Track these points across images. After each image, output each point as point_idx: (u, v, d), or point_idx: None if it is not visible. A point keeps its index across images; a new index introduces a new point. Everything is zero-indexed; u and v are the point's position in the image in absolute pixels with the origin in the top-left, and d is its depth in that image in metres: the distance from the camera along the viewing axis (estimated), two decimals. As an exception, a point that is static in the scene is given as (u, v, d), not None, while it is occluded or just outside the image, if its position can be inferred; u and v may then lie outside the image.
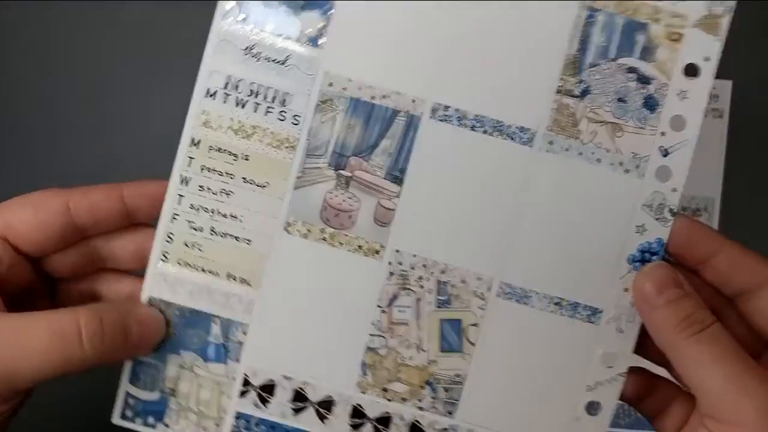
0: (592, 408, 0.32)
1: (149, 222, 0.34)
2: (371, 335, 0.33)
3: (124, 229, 0.34)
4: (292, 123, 0.32)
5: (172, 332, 0.33)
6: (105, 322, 0.29)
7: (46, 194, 0.32)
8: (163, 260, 0.33)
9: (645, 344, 0.32)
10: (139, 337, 0.31)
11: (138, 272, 0.34)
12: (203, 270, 0.33)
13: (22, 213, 0.31)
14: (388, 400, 0.33)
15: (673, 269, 0.31)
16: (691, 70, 0.31)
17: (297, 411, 0.34)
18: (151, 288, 0.33)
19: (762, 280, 0.30)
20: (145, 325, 0.32)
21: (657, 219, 0.31)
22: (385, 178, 0.33)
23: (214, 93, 0.33)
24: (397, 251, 0.32)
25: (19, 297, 0.32)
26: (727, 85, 0.51)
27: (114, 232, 0.33)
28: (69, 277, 0.34)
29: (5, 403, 0.29)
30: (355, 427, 0.34)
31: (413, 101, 0.31)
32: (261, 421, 0.34)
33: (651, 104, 0.31)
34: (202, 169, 0.33)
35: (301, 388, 0.34)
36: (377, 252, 0.32)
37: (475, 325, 0.32)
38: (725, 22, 0.30)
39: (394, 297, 0.33)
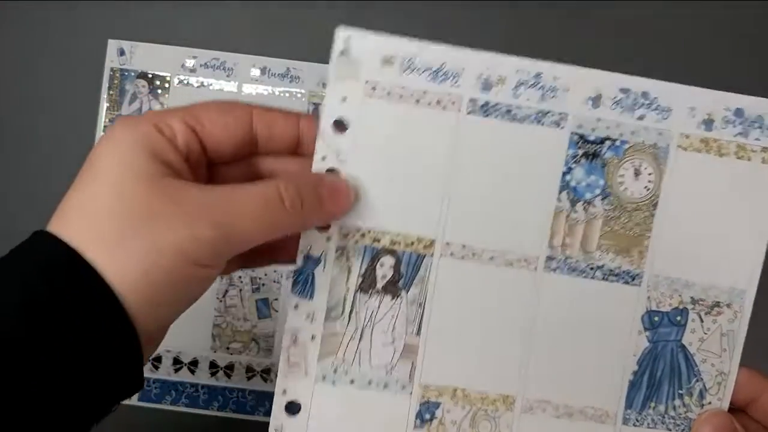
0: None
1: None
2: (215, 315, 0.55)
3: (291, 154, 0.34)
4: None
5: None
6: (301, 189, 0.30)
7: (233, 103, 0.33)
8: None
9: None
10: (332, 202, 0.32)
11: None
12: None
13: (213, 113, 0.32)
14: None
15: (731, 418, 0.34)
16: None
17: (176, 371, 0.56)
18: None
19: None
20: (335, 190, 0.32)
21: None
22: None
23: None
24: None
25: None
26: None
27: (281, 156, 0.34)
28: (227, 161, 0.33)
29: (218, 267, 0.30)
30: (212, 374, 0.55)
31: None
32: (155, 381, 0.56)
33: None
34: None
35: (176, 356, 0.55)
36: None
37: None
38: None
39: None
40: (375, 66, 0.33)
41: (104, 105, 0.55)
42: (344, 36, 0.33)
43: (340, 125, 0.33)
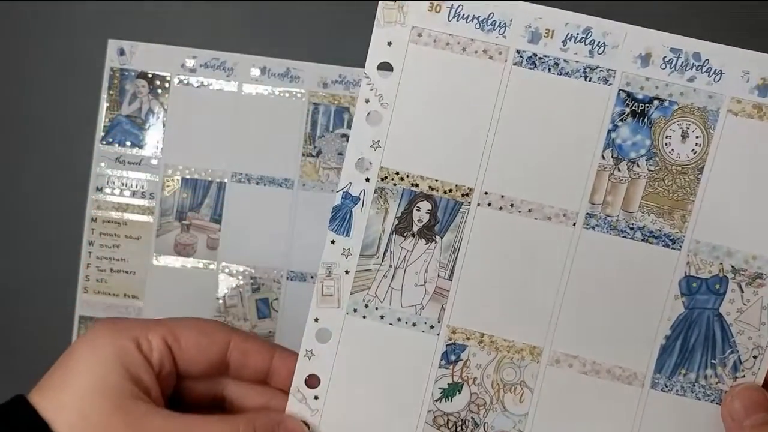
0: None
1: (281, 388, 0.36)
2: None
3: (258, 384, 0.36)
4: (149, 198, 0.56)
5: None
6: (258, 430, 0.32)
7: (216, 325, 0.35)
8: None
9: None
10: None
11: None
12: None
13: (190, 331, 0.34)
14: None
15: (765, 394, 0.33)
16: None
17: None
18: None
19: None
20: None
21: None
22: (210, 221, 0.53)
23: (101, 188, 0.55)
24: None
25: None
26: None
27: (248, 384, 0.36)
28: (198, 378, 0.35)
29: None
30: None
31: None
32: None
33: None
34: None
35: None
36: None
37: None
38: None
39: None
40: (422, 12, 0.34)
41: (104, 105, 0.55)
42: (394, -19, 0.34)
43: (385, 68, 0.34)
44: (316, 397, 0.36)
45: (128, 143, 0.55)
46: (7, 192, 0.56)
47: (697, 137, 0.34)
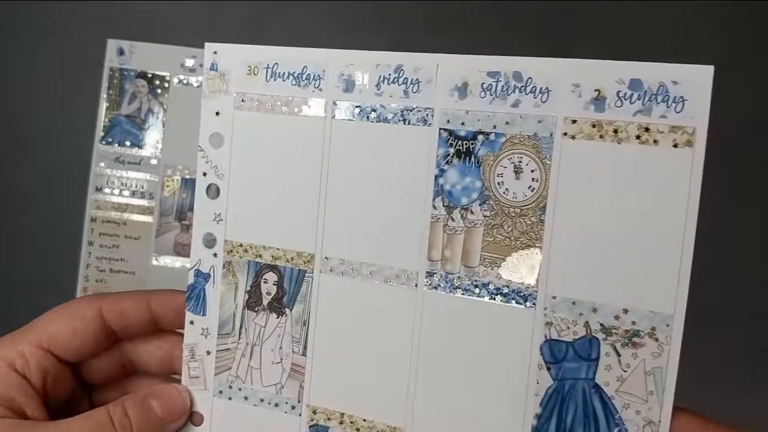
0: None
1: (174, 329, 0.36)
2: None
3: (152, 335, 0.36)
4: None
5: None
6: (129, 410, 0.32)
7: (81, 303, 0.34)
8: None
9: None
10: (162, 411, 0.33)
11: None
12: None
13: (60, 323, 0.33)
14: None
15: None
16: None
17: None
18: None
19: None
20: (165, 398, 0.33)
21: None
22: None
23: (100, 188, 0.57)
24: None
25: (62, 406, 0.34)
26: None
27: (143, 340, 0.36)
28: (104, 383, 0.36)
29: None
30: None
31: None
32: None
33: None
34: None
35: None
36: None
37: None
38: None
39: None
40: (242, 76, 0.33)
41: (104, 105, 0.56)
42: (211, 50, 0.34)
43: (216, 140, 0.34)
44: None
45: (128, 143, 0.56)
46: (6, 192, 0.58)
47: (532, 171, 0.28)
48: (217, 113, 0.34)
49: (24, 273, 0.59)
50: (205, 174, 0.34)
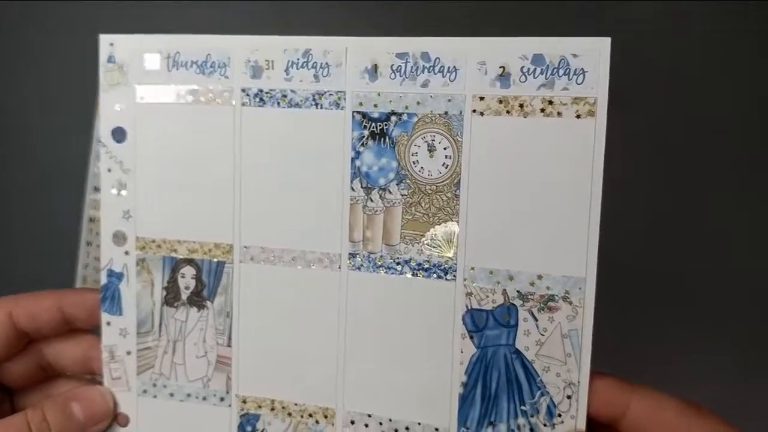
0: None
1: (89, 328, 0.35)
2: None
3: (68, 336, 0.34)
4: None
5: None
6: (48, 413, 0.31)
7: None
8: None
9: None
10: (83, 414, 0.32)
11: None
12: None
13: None
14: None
15: None
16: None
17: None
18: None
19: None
20: (87, 401, 0.33)
21: None
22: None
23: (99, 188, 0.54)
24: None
25: None
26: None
27: (58, 341, 0.34)
28: (24, 386, 0.35)
29: None
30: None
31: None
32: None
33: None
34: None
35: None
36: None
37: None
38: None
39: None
40: (141, 67, 0.32)
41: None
42: (106, 42, 0.33)
43: (118, 134, 0.33)
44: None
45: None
46: (4, 192, 0.56)
47: (445, 149, 0.29)
48: (118, 107, 0.33)
49: (22, 273, 0.57)
50: (110, 170, 0.33)
